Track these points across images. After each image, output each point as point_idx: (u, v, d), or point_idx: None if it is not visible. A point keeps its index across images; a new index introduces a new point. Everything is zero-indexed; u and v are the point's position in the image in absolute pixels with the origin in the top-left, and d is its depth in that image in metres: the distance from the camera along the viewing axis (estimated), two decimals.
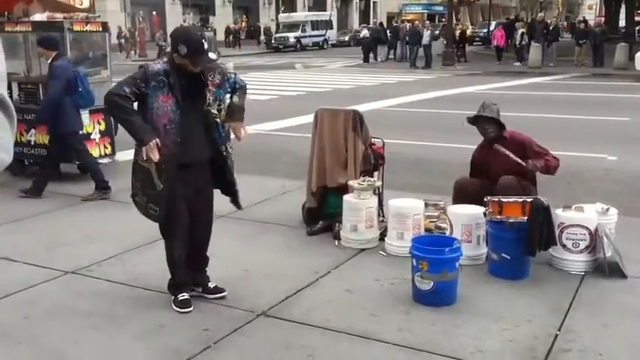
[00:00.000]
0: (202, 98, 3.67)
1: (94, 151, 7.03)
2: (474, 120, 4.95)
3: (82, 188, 6.72)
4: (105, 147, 7.13)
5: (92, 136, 6.97)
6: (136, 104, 3.62)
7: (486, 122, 4.89)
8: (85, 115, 6.87)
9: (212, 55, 3.69)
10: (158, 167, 3.56)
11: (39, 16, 7.12)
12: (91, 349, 3.38)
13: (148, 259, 4.64)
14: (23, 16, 7.54)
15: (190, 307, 3.77)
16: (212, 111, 3.70)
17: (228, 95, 3.78)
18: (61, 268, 4.46)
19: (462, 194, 4.89)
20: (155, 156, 3.48)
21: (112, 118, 7.16)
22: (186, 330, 3.53)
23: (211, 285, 3.96)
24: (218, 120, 3.72)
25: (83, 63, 7.13)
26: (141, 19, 34.96)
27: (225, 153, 3.82)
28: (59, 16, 6.97)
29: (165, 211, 3.68)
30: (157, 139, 3.49)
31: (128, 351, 3.35)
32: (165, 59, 3.71)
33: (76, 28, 6.81)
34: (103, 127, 7.07)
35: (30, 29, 7.02)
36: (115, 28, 30.65)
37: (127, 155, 8.26)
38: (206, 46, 3.59)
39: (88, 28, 6.98)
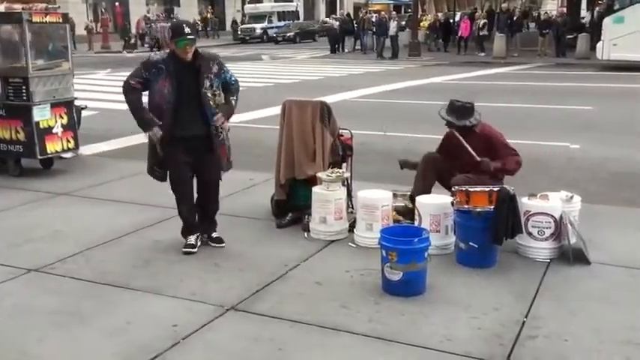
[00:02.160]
0: (198, 83, 4.31)
1: (57, 146, 6.88)
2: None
3: (45, 183, 6.58)
4: (68, 141, 6.98)
5: (54, 130, 6.81)
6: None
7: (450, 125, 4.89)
8: (46, 109, 6.72)
9: (191, 36, 4.26)
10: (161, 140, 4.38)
11: None
12: (56, 347, 3.31)
13: (113, 255, 4.57)
14: None
15: (194, 249, 4.54)
16: (207, 94, 4.35)
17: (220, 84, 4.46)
18: (24, 265, 4.36)
19: (430, 167, 4.97)
20: (157, 138, 4.34)
21: (74, 112, 7.07)
22: (155, 326, 3.49)
23: (214, 235, 4.70)
24: (211, 103, 4.38)
25: (42, 55, 6.96)
26: (103, 10, 34.29)
27: (214, 129, 4.43)
28: (17, 6, 6.77)
29: (165, 173, 4.53)
30: (156, 128, 4.28)
31: (95, 348, 3.29)
32: (167, 50, 4.45)
33: (35, 19, 6.63)
34: (65, 120, 6.91)
35: None
36: (80, 21, 30.08)
37: (90, 149, 8.15)
38: (187, 30, 4.23)
39: (48, 19, 6.79)
